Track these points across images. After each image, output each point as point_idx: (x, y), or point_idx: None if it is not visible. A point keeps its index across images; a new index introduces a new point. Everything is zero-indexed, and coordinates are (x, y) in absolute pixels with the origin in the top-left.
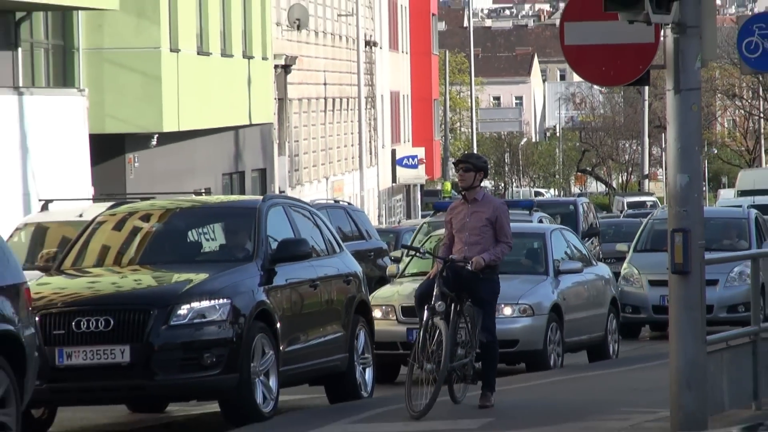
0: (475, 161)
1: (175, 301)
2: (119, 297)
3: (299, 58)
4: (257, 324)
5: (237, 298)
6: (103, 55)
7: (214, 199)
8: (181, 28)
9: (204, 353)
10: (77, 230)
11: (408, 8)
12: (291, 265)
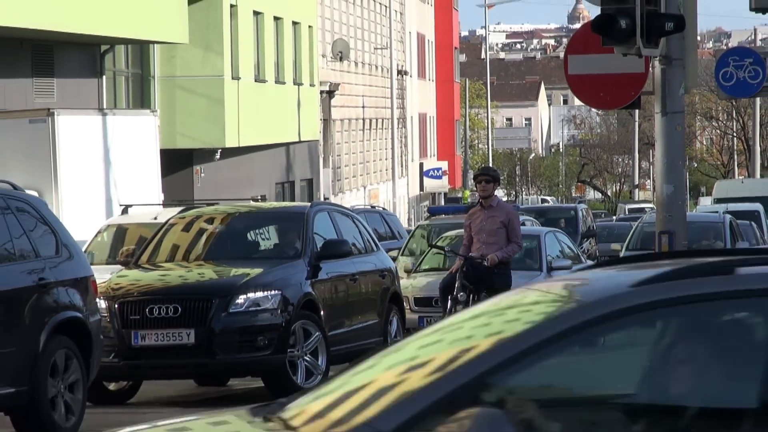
0: (493, 173)
1: (234, 291)
2: (186, 288)
3: (341, 84)
4: (303, 312)
5: (286, 290)
6: (175, 82)
7: (268, 205)
8: (241, 59)
9: (257, 336)
10: (152, 231)
11: (434, 42)
12: (334, 261)
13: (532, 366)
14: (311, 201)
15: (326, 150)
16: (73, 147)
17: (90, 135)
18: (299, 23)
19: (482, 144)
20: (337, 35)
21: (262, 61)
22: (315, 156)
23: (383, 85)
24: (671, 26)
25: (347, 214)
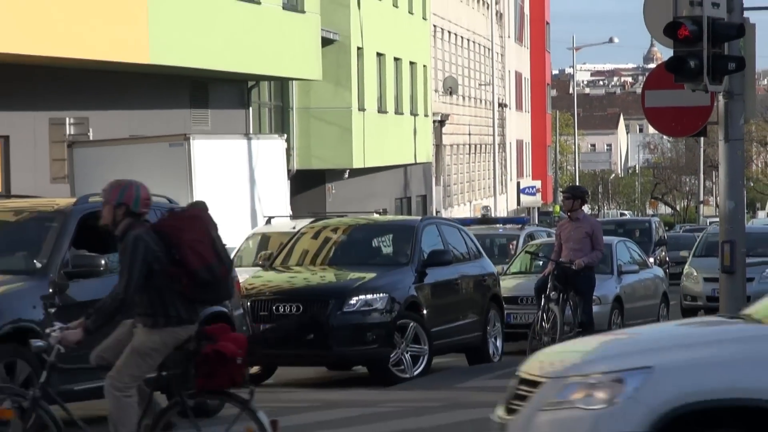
0: (573, 192)
1: (348, 293)
2: (308, 289)
3: (451, 115)
4: (408, 312)
5: (394, 293)
6: (310, 113)
7: (384, 218)
8: (366, 94)
9: (367, 333)
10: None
11: (529, 79)
12: (438, 268)
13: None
14: (425, 214)
15: (438, 170)
16: (207, 167)
17: (238, 156)
18: (415, 63)
19: (570, 166)
20: (447, 73)
21: (383, 95)
22: (428, 175)
23: (486, 115)
24: (733, 66)
25: (454, 226)
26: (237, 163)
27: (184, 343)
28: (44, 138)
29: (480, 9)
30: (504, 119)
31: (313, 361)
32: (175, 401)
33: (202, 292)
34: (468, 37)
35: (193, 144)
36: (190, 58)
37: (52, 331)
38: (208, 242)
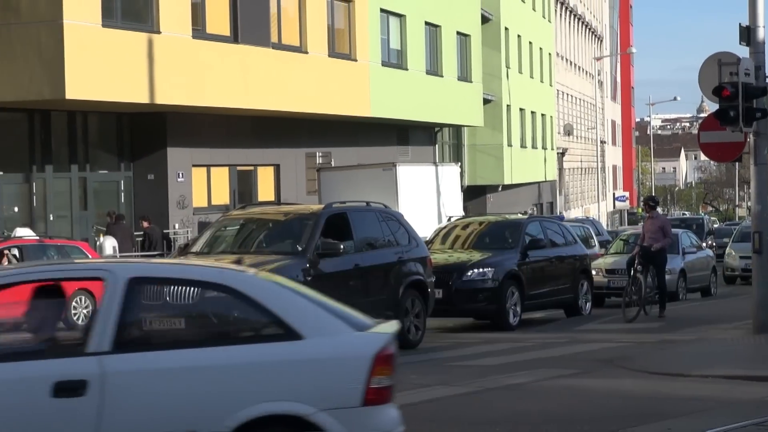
0: (650, 200)
1: (465, 268)
2: (445, 265)
3: (568, 149)
4: (510, 281)
5: (497, 268)
6: (475, 148)
7: (504, 217)
8: (513, 135)
9: (479, 294)
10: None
11: (620, 124)
12: (538, 250)
13: None
14: (552, 214)
15: (560, 186)
16: (407, 184)
17: (428, 178)
18: (545, 114)
19: (648, 182)
20: (565, 121)
21: (524, 135)
22: (554, 189)
23: (592, 149)
24: (759, 115)
25: (555, 222)
26: (428, 181)
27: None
28: (302, 166)
29: (587, 78)
30: (604, 151)
31: (443, 313)
32: None
33: None
34: (579, 96)
35: (398, 169)
36: (397, 112)
37: None
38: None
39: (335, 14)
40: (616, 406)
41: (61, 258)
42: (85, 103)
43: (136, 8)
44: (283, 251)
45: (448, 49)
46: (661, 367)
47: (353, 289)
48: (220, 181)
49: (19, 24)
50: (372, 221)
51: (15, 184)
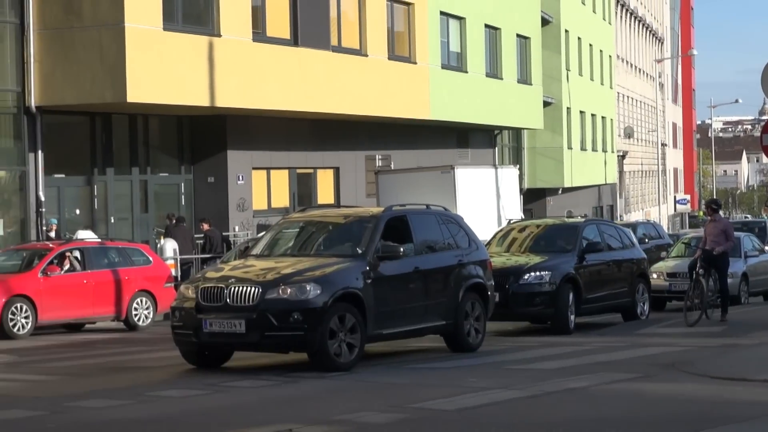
0: (712, 203)
1: (522, 271)
2: (502, 269)
3: (629, 151)
4: (567, 285)
5: (554, 271)
6: (535, 150)
7: (561, 220)
8: (573, 138)
9: (536, 298)
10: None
11: (681, 127)
12: (594, 254)
13: None
14: (611, 219)
15: (620, 188)
16: (466, 187)
17: (488, 180)
18: (605, 117)
19: (709, 185)
20: (626, 123)
21: (584, 138)
22: (614, 192)
23: (652, 152)
24: None
25: (612, 225)
26: (487, 184)
27: None
28: (362, 168)
29: (648, 80)
30: (664, 154)
31: (500, 317)
32: None
33: None
34: (640, 99)
35: (457, 172)
36: (457, 115)
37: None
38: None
39: (395, 17)
40: (677, 411)
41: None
42: (146, 106)
43: (196, 11)
44: (343, 254)
45: (508, 51)
46: (723, 372)
47: (413, 292)
48: (279, 183)
49: (81, 27)
50: (432, 224)
51: (77, 186)
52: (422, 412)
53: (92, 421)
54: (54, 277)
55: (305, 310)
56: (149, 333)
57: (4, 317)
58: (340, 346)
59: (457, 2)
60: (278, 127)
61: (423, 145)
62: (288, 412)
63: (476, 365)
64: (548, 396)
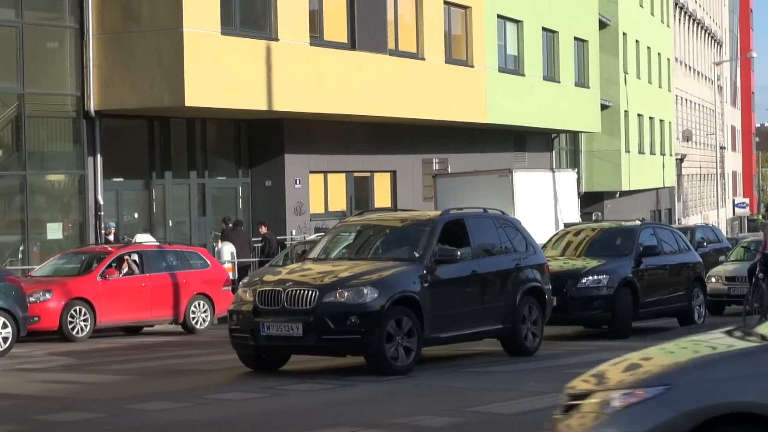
0: None
1: (580, 275)
2: (559, 272)
3: (687, 155)
4: (626, 288)
5: (612, 275)
6: (593, 154)
7: (617, 224)
8: (630, 141)
9: (594, 302)
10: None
11: (740, 130)
12: (651, 257)
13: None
14: (669, 222)
15: (678, 192)
16: (524, 190)
17: (546, 184)
18: (663, 120)
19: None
20: (684, 127)
21: (642, 141)
22: (672, 195)
23: (711, 155)
24: None
25: (668, 228)
26: (545, 188)
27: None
28: (419, 172)
29: (706, 83)
30: (723, 157)
31: (558, 321)
32: None
33: None
34: (698, 102)
35: (514, 175)
36: (514, 118)
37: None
38: None
39: (452, 20)
40: None
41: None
42: (204, 110)
43: (254, 16)
44: (400, 257)
45: (566, 54)
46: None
47: (470, 295)
48: (336, 187)
49: (140, 32)
50: (489, 227)
51: (135, 190)
52: (479, 416)
53: (150, 424)
54: (112, 280)
55: (362, 314)
56: (207, 336)
57: (63, 320)
58: (397, 349)
59: (514, 5)
60: (335, 130)
61: (480, 148)
62: (345, 415)
63: (533, 369)
64: None
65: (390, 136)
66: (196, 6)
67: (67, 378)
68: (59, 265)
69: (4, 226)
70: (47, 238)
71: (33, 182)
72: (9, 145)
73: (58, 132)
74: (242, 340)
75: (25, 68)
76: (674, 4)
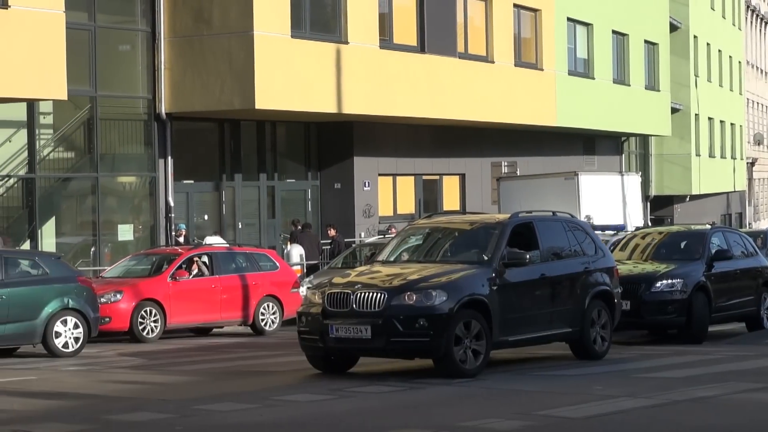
0: None
1: (654, 279)
2: (631, 276)
3: (758, 158)
4: (700, 293)
5: (687, 279)
6: (663, 157)
7: (689, 227)
8: (701, 144)
9: (668, 306)
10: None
11: None
12: (722, 262)
13: None
14: (740, 226)
15: (749, 196)
16: (590, 193)
17: (603, 186)
18: (734, 123)
19: None
20: (755, 130)
21: (713, 145)
22: (743, 199)
23: None
24: None
25: (736, 232)
26: (612, 191)
27: None
28: (487, 175)
29: None
30: None
31: (630, 325)
32: None
33: None
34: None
35: (580, 178)
36: (584, 121)
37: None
38: None
39: (522, 23)
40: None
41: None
42: (274, 113)
43: (324, 19)
44: (469, 260)
45: (636, 57)
46: None
47: (539, 299)
48: (405, 190)
49: (211, 35)
50: (558, 231)
51: (205, 192)
52: (548, 420)
53: (219, 425)
54: (182, 282)
55: (431, 317)
56: (276, 338)
57: (133, 321)
58: (465, 352)
59: (584, 8)
60: (404, 133)
61: (549, 151)
62: (413, 418)
63: (602, 373)
64: (675, 405)
65: (459, 139)
66: (267, 9)
67: (138, 378)
68: (130, 266)
69: (76, 227)
70: (118, 239)
71: (105, 184)
72: (81, 148)
73: (130, 134)
74: (311, 341)
75: (98, 71)
76: (746, 7)
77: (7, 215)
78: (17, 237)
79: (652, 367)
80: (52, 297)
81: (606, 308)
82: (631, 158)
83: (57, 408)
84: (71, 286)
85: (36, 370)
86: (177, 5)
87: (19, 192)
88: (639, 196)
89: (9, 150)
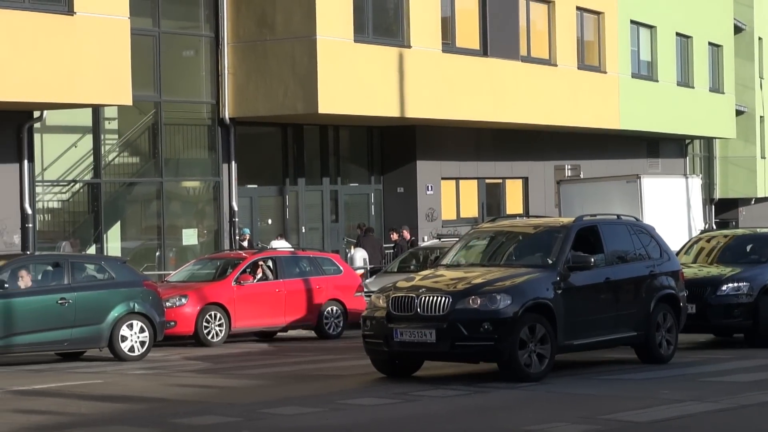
0: None
1: (720, 282)
2: (696, 279)
3: None
4: (766, 297)
5: (753, 282)
6: (727, 160)
7: (754, 230)
8: (766, 145)
9: (735, 310)
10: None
11: None
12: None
13: None
14: None
15: None
16: (652, 196)
17: (666, 189)
18: None
19: None
20: None
21: None
22: None
23: None
24: None
25: None
26: (676, 194)
27: None
28: (550, 178)
29: None
30: None
31: (695, 329)
32: None
33: None
34: None
35: (643, 181)
36: (647, 124)
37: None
38: None
39: (584, 26)
40: None
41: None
42: (337, 117)
43: (386, 23)
44: (534, 264)
45: (700, 60)
46: None
47: (604, 302)
48: (468, 193)
49: (274, 40)
50: (623, 234)
51: (269, 196)
52: (614, 424)
53: (285, 428)
54: (247, 286)
55: (495, 320)
56: (340, 342)
57: (198, 325)
58: (530, 356)
59: (647, 10)
60: (467, 137)
61: (612, 155)
62: (478, 422)
63: (668, 377)
64: (743, 409)
65: (521, 143)
66: (330, 14)
67: (203, 382)
68: (195, 270)
69: (141, 231)
70: (183, 244)
71: (169, 189)
72: (146, 153)
73: (194, 139)
74: (376, 345)
75: (162, 76)
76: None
77: (73, 220)
78: (83, 242)
79: (719, 371)
80: (118, 301)
81: (671, 312)
82: (695, 161)
83: (123, 411)
84: (137, 290)
85: (102, 374)
86: (240, 10)
87: (85, 197)
88: (700, 198)
89: (75, 155)
